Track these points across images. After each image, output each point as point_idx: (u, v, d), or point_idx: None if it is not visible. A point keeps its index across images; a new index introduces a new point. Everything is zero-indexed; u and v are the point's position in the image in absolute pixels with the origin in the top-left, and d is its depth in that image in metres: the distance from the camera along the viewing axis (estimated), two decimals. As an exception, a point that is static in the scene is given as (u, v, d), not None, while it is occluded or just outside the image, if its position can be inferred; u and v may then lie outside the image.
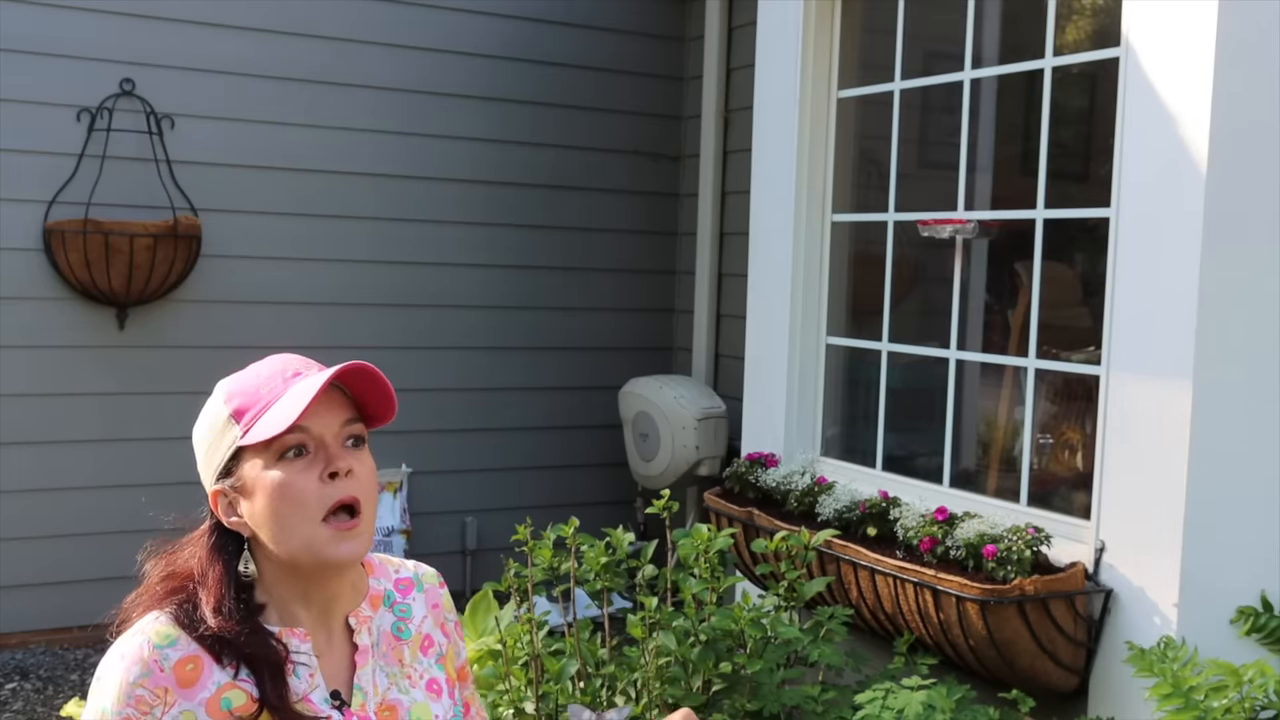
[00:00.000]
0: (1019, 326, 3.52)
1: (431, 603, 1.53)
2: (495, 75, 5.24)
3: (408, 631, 1.48)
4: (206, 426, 1.40)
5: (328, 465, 1.34)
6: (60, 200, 4.46)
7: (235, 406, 1.36)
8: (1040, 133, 3.22)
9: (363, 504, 1.36)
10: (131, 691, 1.29)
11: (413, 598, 1.51)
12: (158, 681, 1.29)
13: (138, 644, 1.32)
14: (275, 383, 1.37)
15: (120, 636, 1.36)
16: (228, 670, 1.32)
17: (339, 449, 1.36)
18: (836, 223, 3.98)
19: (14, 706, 4.02)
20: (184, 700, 1.30)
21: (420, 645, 1.49)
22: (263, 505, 1.34)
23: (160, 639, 1.32)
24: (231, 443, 1.35)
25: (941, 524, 3.12)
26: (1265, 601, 2.78)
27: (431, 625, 1.51)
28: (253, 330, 4.82)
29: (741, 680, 2.91)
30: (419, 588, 1.53)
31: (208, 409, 1.40)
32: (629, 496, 5.52)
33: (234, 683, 1.32)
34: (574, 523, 3.06)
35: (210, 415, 1.39)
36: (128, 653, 1.32)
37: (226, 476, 1.37)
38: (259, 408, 1.35)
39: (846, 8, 3.93)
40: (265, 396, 1.35)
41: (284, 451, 1.34)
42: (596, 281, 5.55)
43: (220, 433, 1.37)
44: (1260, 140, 2.74)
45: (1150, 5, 2.85)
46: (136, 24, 4.60)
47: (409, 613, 1.50)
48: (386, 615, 1.48)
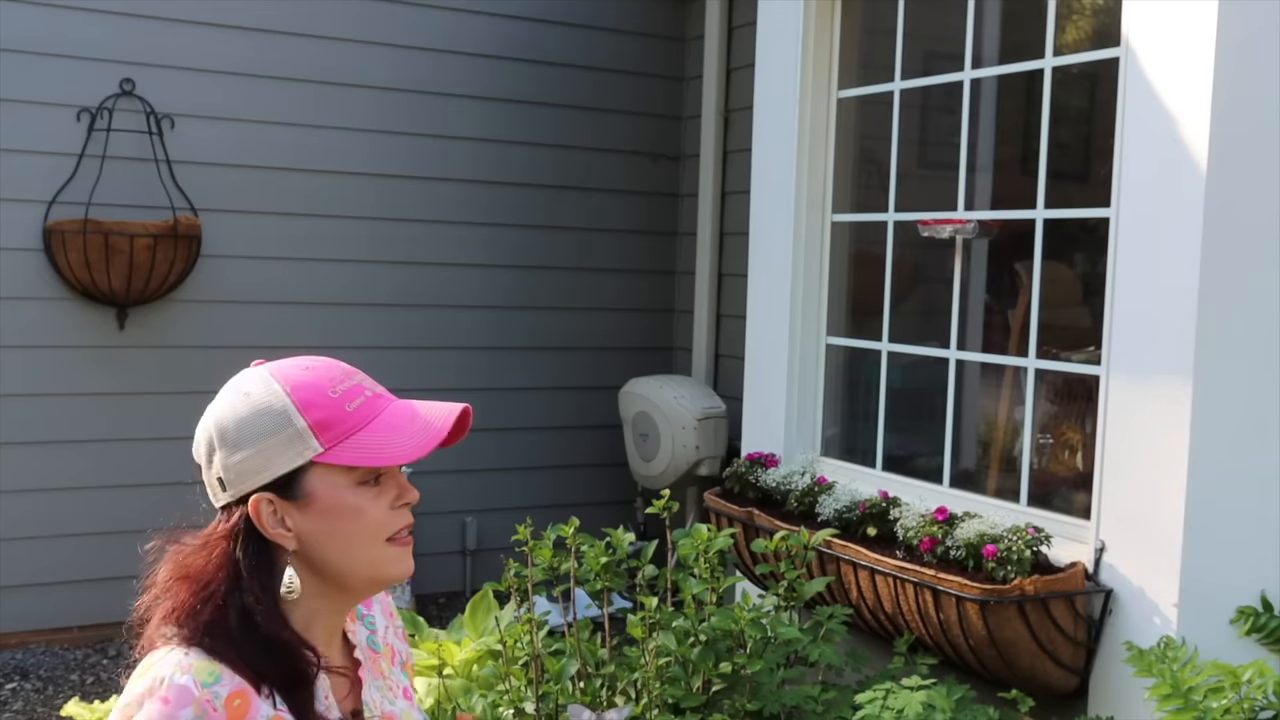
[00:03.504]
0: (1019, 326, 3.52)
1: (387, 613, 1.53)
2: (495, 75, 5.24)
3: (378, 644, 1.48)
4: (259, 427, 1.28)
5: (400, 495, 1.33)
6: (60, 200, 4.46)
7: (316, 419, 1.27)
8: (1040, 133, 3.22)
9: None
10: None
11: (374, 609, 1.51)
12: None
13: (184, 684, 1.21)
14: (357, 400, 1.30)
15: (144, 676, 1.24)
16: (267, 700, 1.25)
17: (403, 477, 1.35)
18: (836, 223, 3.98)
19: (14, 706, 4.02)
20: None
21: (390, 656, 1.49)
22: (328, 525, 1.29)
23: (206, 675, 1.22)
24: (303, 456, 1.27)
25: (941, 524, 3.12)
26: (1265, 601, 2.78)
27: (393, 635, 1.52)
28: (252, 330, 4.82)
29: (741, 680, 2.91)
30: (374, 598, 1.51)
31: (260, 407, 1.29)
32: (629, 496, 5.52)
33: (276, 713, 1.26)
34: (574, 523, 3.06)
35: (267, 417, 1.28)
36: (173, 694, 1.21)
37: (282, 487, 1.28)
38: (347, 427, 1.28)
39: (846, 8, 3.93)
40: (352, 415, 1.29)
41: (364, 477, 1.30)
42: (596, 281, 5.55)
43: (288, 441, 1.27)
44: (1260, 140, 2.74)
45: (1150, 5, 2.85)
46: (136, 24, 4.60)
47: (375, 624, 1.49)
48: (360, 629, 1.46)
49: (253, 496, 1.28)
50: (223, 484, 1.31)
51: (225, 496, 1.31)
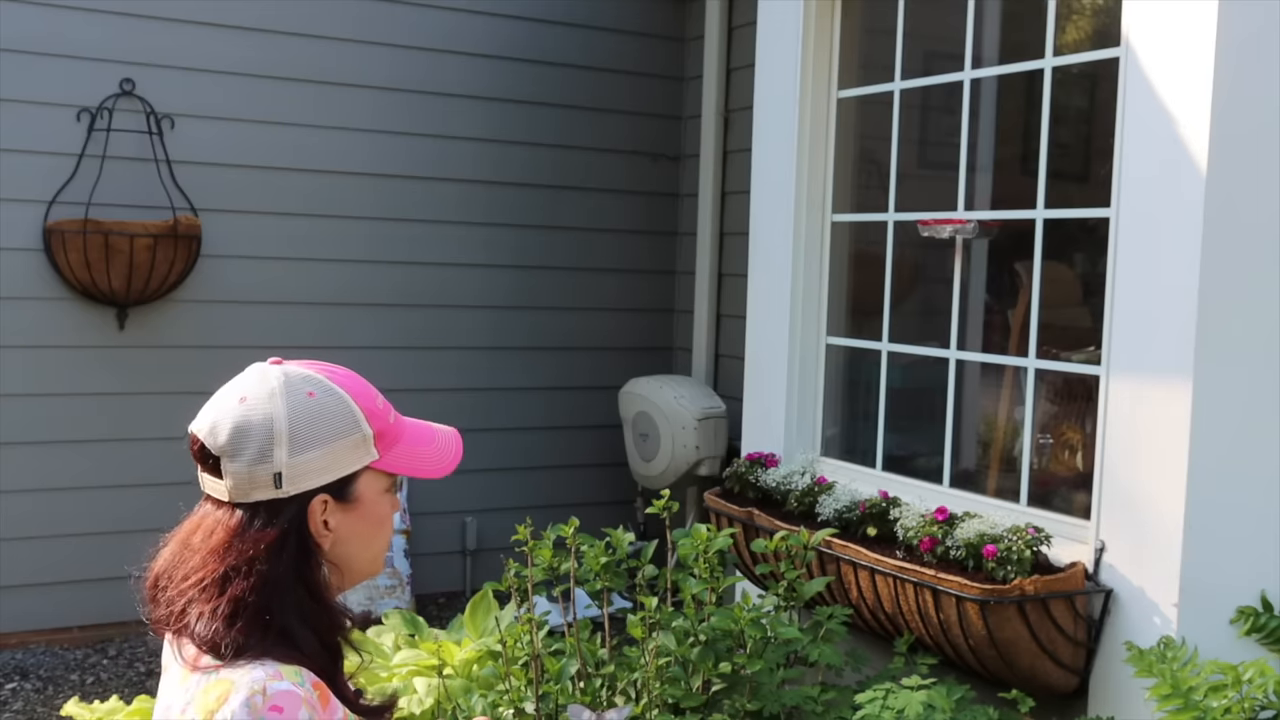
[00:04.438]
0: (1019, 326, 3.52)
1: None
2: (495, 75, 5.24)
3: None
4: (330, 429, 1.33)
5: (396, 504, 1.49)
6: (60, 200, 4.46)
7: (377, 427, 1.38)
8: (1040, 133, 3.22)
9: None
10: None
11: None
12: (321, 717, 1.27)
13: (288, 690, 1.24)
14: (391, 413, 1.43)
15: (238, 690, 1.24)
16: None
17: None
18: (836, 223, 3.98)
19: (14, 706, 4.02)
20: None
21: None
22: (361, 525, 1.39)
23: (295, 675, 1.27)
24: (365, 460, 1.37)
25: (941, 524, 3.12)
26: (1265, 601, 2.78)
27: None
28: (252, 330, 4.82)
29: (741, 680, 2.91)
30: None
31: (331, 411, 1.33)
32: (629, 496, 5.52)
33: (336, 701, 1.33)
34: (574, 523, 3.06)
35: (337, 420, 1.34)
36: (285, 702, 1.24)
37: (339, 489, 1.35)
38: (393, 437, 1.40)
39: (846, 8, 3.93)
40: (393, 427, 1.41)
41: (391, 485, 1.44)
42: (596, 281, 5.55)
43: (354, 445, 1.35)
44: (1260, 140, 2.74)
45: (1150, 5, 2.85)
46: (136, 24, 4.60)
47: None
48: None
49: (315, 496, 1.33)
50: (278, 480, 1.31)
51: (273, 493, 1.31)
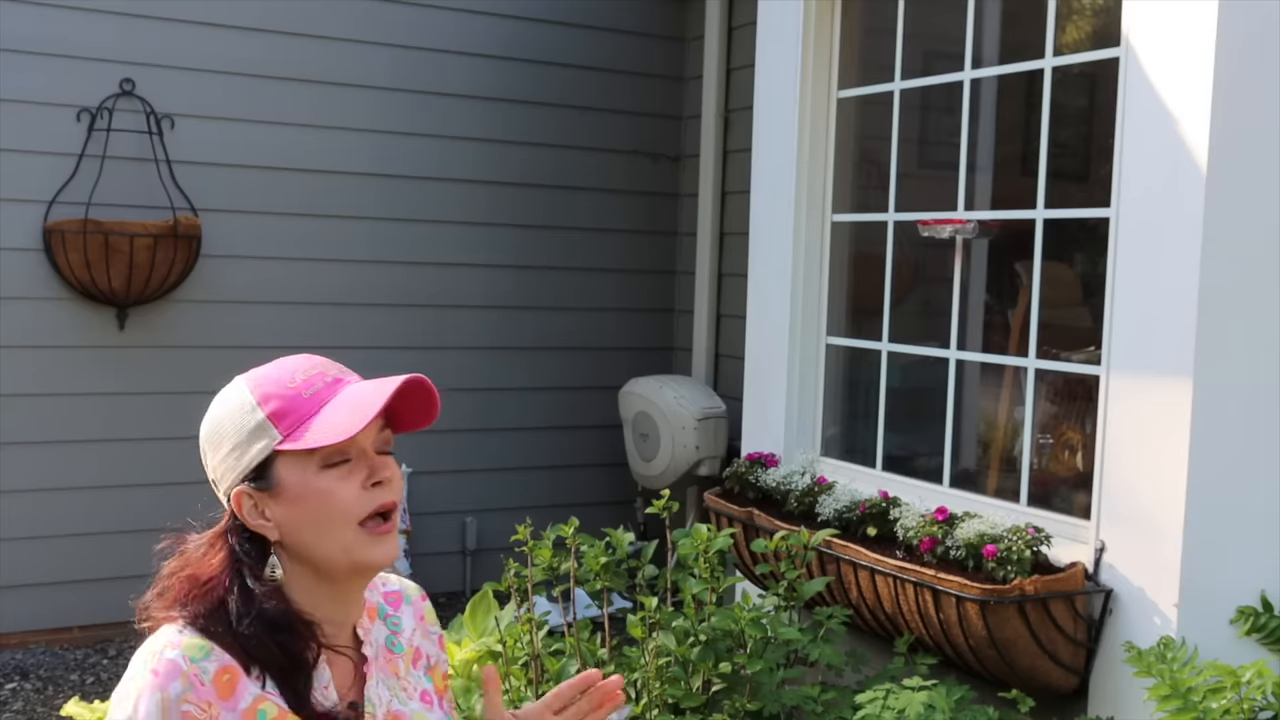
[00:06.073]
0: (1019, 326, 3.52)
1: (418, 615, 1.55)
2: (496, 75, 5.24)
3: (400, 645, 1.49)
4: (232, 425, 1.34)
5: (371, 474, 1.34)
6: (60, 200, 4.46)
7: (273, 409, 1.32)
8: (1040, 133, 3.22)
9: (394, 509, 1.38)
10: (177, 708, 1.25)
11: (402, 611, 1.53)
12: (201, 695, 1.26)
13: (172, 658, 1.26)
14: (316, 386, 1.34)
15: (142, 651, 1.30)
16: (256, 681, 1.30)
17: (377, 456, 1.36)
18: (836, 223, 3.98)
19: (14, 706, 4.02)
20: (226, 712, 1.27)
21: (412, 658, 1.50)
22: (300, 511, 1.33)
23: (195, 651, 1.27)
24: (267, 446, 1.32)
25: (941, 524, 3.12)
26: (1265, 601, 2.78)
27: (420, 638, 1.53)
28: (253, 330, 4.82)
29: (741, 680, 2.91)
30: (406, 600, 1.54)
31: (231, 407, 1.35)
32: (629, 496, 5.52)
33: (264, 694, 1.29)
34: (574, 523, 3.07)
35: (236, 414, 1.34)
36: (162, 668, 1.26)
37: (256, 479, 1.33)
38: (302, 413, 1.32)
39: (846, 8, 3.93)
40: (308, 401, 1.32)
41: (328, 459, 1.32)
42: (596, 281, 5.55)
43: (252, 434, 1.33)
44: (1260, 140, 2.74)
45: (1150, 5, 2.85)
46: (136, 24, 4.60)
47: (400, 626, 1.51)
48: (381, 628, 1.48)
49: (234, 491, 1.35)
50: (215, 485, 1.39)
51: (220, 495, 1.39)
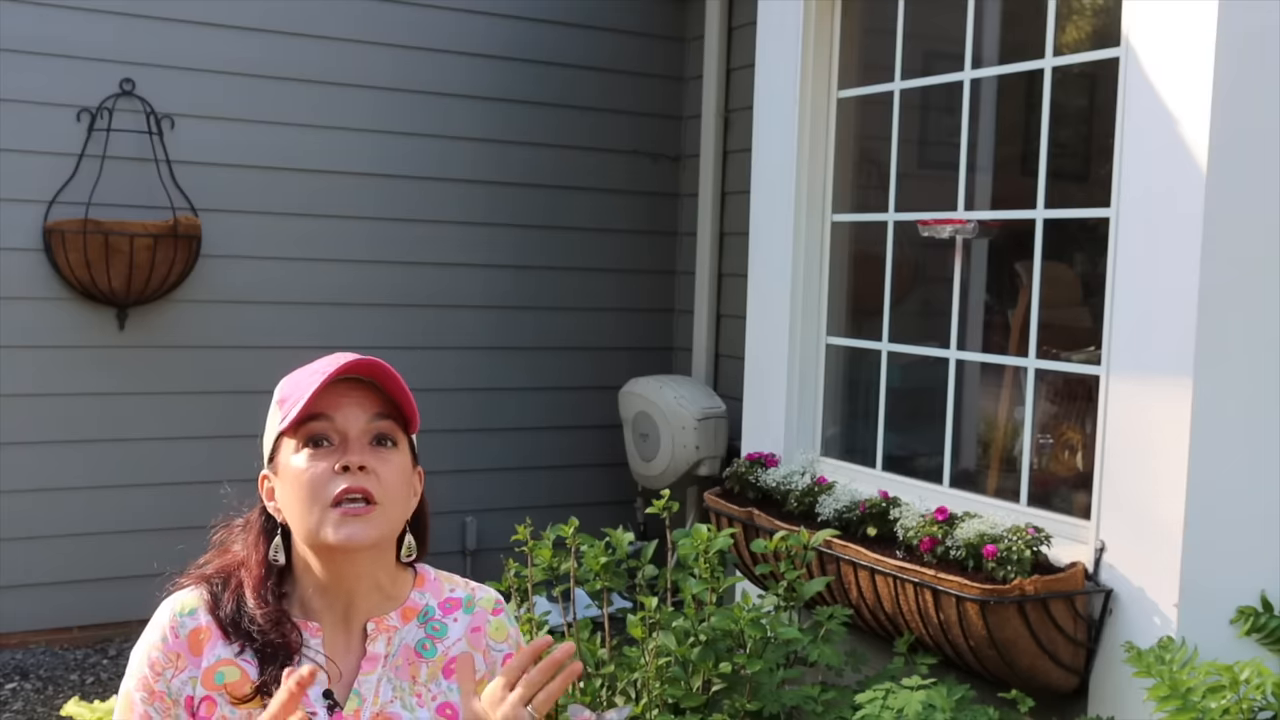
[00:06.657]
0: (1019, 326, 3.52)
1: (473, 626, 1.50)
2: (496, 75, 5.24)
3: (433, 651, 1.47)
4: (269, 418, 1.47)
5: (342, 458, 1.39)
6: (60, 200, 4.46)
7: (280, 396, 1.45)
8: (1040, 133, 3.22)
9: (377, 498, 1.38)
10: (150, 653, 1.42)
11: (454, 618, 1.50)
12: (172, 647, 1.41)
13: (166, 612, 1.44)
14: (316, 376, 1.41)
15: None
16: (232, 647, 1.39)
17: (360, 444, 1.40)
18: (836, 223, 3.98)
19: (14, 706, 4.02)
20: (191, 667, 1.40)
21: (443, 667, 1.46)
22: (286, 489, 1.42)
23: (183, 609, 1.43)
24: (274, 430, 1.44)
25: (941, 524, 3.12)
26: (1265, 601, 2.78)
27: (466, 648, 1.48)
28: (253, 330, 4.81)
29: (741, 680, 2.91)
30: (466, 609, 1.51)
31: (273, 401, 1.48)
32: (629, 496, 5.52)
33: (233, 659, 1.39)
34: (574, 523, 3.07)
35: (271, 407, 1.47)
36: (157, 619, 1.44)
37: (270, 462, 1.46)
38: (296, 397, 1.41)
39: (846, 8, 3.93)
40: (304, 386, 1.41)
41: (310, 439, 1.40)
42: (596, 281, 5.55)
43: (271, 422, 1.46)
44: (1260, 140, 2.74)
45: (1150, 5, 2.85)
46: (136, 24, 4.60)
47: (442, 632, 1.48)
48: (415, 630, 1.47)
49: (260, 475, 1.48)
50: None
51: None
